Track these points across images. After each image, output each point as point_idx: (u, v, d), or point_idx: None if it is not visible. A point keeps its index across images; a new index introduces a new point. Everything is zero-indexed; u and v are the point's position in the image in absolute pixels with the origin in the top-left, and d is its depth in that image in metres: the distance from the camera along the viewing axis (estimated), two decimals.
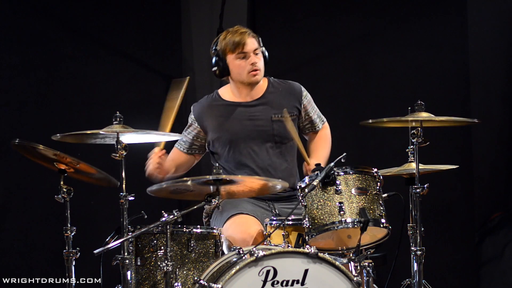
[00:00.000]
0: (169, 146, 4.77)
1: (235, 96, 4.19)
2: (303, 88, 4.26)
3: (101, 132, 3.54)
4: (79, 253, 3.76)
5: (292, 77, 4.42)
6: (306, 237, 3.57)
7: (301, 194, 3.58)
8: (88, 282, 4.21)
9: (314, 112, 4.28)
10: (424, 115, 3.73)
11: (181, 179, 3.45)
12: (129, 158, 3.56)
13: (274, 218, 3.81)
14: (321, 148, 4.28)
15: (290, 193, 4.10)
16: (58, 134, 3.57)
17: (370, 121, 3.78)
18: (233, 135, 4.11)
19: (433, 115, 3.75)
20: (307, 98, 4.25)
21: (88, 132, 3.55)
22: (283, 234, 3.71)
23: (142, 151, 4.11)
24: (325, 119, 4.33)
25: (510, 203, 6.00)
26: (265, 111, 4.15)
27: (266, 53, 4.17)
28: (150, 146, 4.03)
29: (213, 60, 4.18)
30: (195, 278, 3.42)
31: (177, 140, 4.23)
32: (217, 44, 4.17)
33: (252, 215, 3.90)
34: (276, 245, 3.55)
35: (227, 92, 4.22)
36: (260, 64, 4.13)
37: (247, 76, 4.12)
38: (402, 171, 3.99)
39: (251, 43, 4.11)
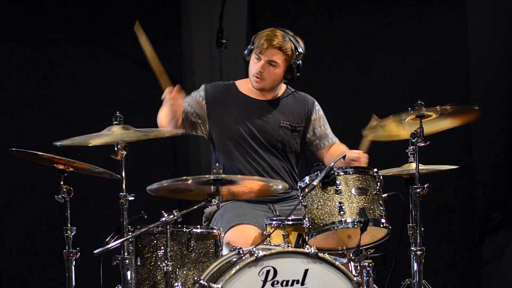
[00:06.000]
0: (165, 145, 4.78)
1: (250, 91, 4.18)
2: (316, 103, 4.29)
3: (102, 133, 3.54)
4: (79, 253, 3.77)
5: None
6: (306, 237, 3.57)
7: (301, 194, 3.58)
8: (88, 282, 4.21)
9: (325, 128, 4.29)
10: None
11: (181, 178, 3.45)
12: (129, 158, 3.55)
13: (274, 218, 3.81)
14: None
15: (288, 194, 4.10)
16: (57, 143, 3.55)
17: (374, 123, 3.78)
18: (242, 128, 4.09)
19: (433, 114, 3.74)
20: (318, 113, 4.27)
21: (91, 143, 3.56)
22: (283, 234, 3.71)
23: (142, 151, 4.11)
24: (336, 138, 4.32)
25: (510, 203, 6.00)
26: (275, 115, 4.16)
27: (296, 72, 4.11)
28: (150, 146, 4.03)
29: (248, 47, 4.15)
30: (195, 278, 3.42)
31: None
32: (255, 35, 4.15)
33: (253, 224, 3.90)
34: (276, 245, 3.55)
35: (244, 85, 4.21)
36: (267, 75, 4.09)
37: (251, 78, 4.14)
38: (402, 171, 3.99)
39: (271, 53, 4.06)
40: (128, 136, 3.51)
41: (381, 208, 3.60)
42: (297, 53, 4.11)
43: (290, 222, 3.74)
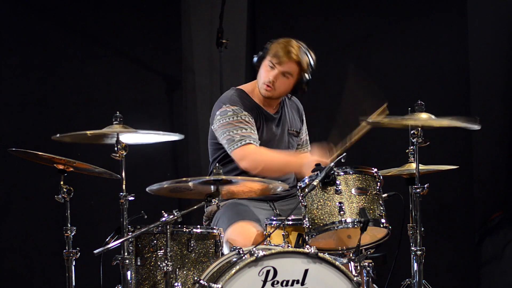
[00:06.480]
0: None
1: (261, 101, 4.15)
2: (302, 109, 4.34)
3: (102, 131, 3.54)
4: (79, 253, 3.77)
5: None
6: (306, 237, 3.57)
7: (301, 194, 3.58)
8: (88, 282, 4.21)
9: (307, 134, 4.37)
10: (424, 116, 3.72)
11: (181, 179, 3.45)
12: (129, 158, 3.56)
13: (274, 218, 3.81)
14: None
15: (288, 192, 4.11)
16: (58, 134, 3.57)
17: (370, 121, 3.77)
18: (261, 139, 4.09)
19: (433, 116, 3.73)
20: (304, 119, 4.33)
21: (89, 133, 3.55)
22: (283, 234, 3.71)
23: (142, 151, 4.11)
24: (309, 147, 4.37)
25: (510, 203, 6.00)
26: (284, 125, 4.19)
27: (305, 86, 4.09)
28: (150, 146, 4.03)
29: (260, 51, 4.12)
30: (195, 278, 3.42)
31: (233, 139, 4.02)
32: (270, 43, 4.12)
33: (253, 221, 3.90)
34: (276, 245, 3.55)
35: (253, 92, 4.16)
36: (278, 85, 4.06)
37: (261, 85, 4.11)
38: (402, 171, 3.99)
39: (287, 65, 4.04)
40: None
41: (381, 208, 3.60)
42: (310, 68, 4.10)
43: (290, 222, 3.74)
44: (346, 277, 3.40)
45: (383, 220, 3.57)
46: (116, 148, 3.51)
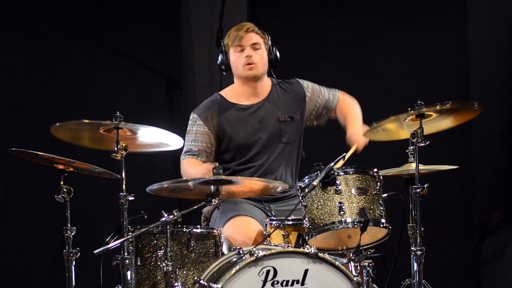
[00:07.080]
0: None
1: (240, 97, 4.17)
2: (302, 82, 4.26)
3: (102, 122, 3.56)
4: (79, 253, 3.77)
5: (292, 77, 4.42)
6: (306, 237, 3.57)
7: (301, 194, 3.57)
8: (88, 282, 4.22)
9: (323, 95, 4.28)
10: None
11: (181, 179, 3.45)
12: (129, 158, 3.55)
13: (274, 218, 3.81)
14: (352, 115, 4.27)
15: (286, 193, 4.10)
16: (57, 123, 3.57)
17: (374, 124, 3.76)
18: (244, 138, 4.09)
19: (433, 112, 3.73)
20: (309, 90, 4.25)
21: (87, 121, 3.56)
22: (283, 234, 3.71)
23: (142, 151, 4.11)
24: (337, 92, 4.32)
25: (510, 203, 6.00)
26: (272, 112, 4.15)
27: (276, 52, 4.17)
28: None
29: (219, 55, 4.19)
30: (195, 278, 3.42)
31: (182, 149, 4.13)
32: (224, 39, 4.20)
33: (251, 216, 3.90)
34: (276, 245, 3.55)
35: (232, 93, 4.19)
36: (257, 58, 4.10)
37: (242, 70, 4.12)
38: (402, 171, 3.98)
39: (250, 37, 4.11)
40: None
41: (381, 208, 3.60)
42: (268, 37, 4.17)
43: (290, 222, 3.74)
44: (346, 277, 3.40)
45: (383, 220, 3.57)
46: (116, 148, 3.51)
